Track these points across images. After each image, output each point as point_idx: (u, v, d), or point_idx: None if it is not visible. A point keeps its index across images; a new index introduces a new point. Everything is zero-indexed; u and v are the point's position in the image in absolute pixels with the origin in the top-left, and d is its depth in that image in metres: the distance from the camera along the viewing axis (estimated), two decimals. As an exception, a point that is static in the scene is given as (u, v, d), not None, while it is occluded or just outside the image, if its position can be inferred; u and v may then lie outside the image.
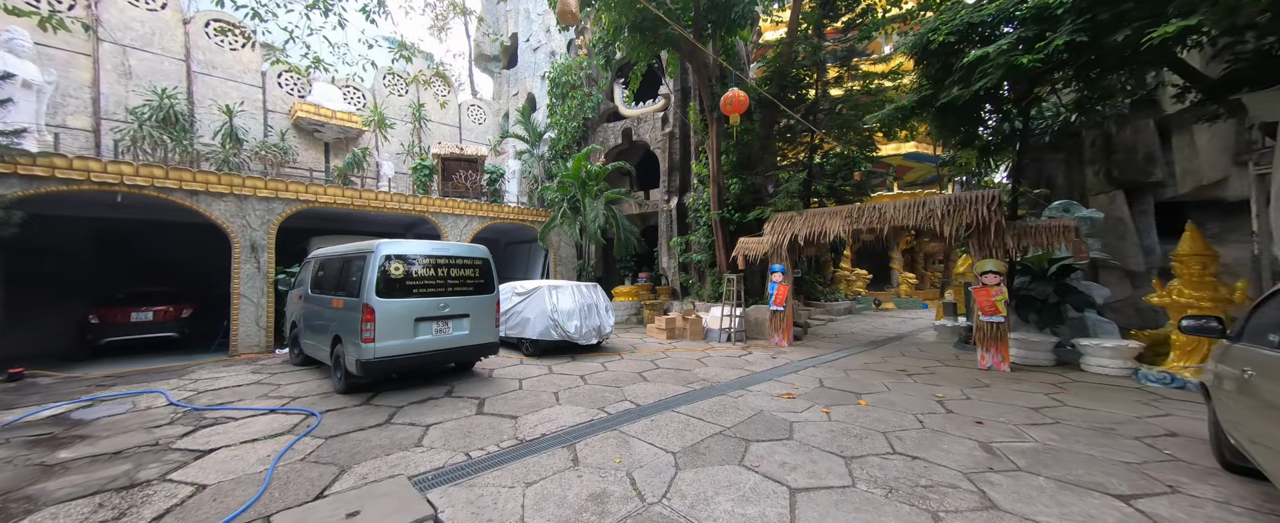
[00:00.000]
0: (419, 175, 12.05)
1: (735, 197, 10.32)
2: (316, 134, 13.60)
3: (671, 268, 12.79)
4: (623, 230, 11.72)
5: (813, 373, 6.56)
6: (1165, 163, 8.92)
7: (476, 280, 5.84)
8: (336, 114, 13.25)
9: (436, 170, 12.61)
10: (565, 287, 7.75)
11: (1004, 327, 6.50)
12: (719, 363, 7.26)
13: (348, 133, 13.69)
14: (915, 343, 9.33)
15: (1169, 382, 5.28)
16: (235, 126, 11.23)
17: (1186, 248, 5.37)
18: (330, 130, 13.47)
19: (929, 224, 7.07)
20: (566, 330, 7.32)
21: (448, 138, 15.99)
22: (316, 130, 13.47)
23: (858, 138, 10.13)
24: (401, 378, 5.84)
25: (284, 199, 8.75)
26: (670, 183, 12.92)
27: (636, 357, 7.70)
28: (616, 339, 9.68)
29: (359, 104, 14.79)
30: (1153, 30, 3.21)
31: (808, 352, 8.26)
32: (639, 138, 13.64)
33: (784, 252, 8.76)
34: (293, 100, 13.33)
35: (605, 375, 6.32)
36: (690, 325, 9.80)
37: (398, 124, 15.16)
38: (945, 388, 5.57)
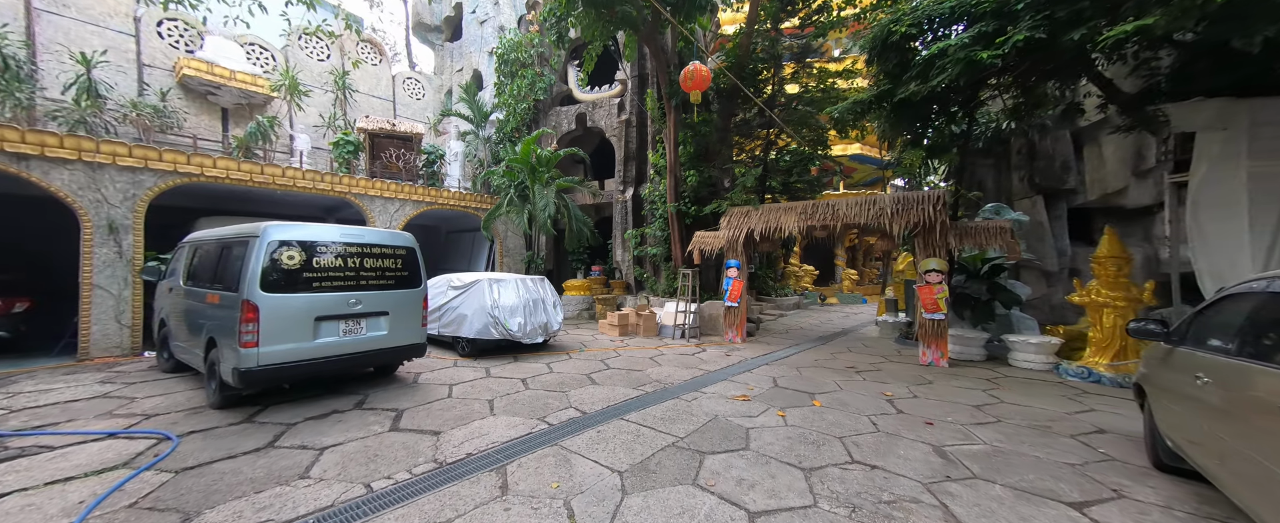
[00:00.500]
0: (341, 152, 10.60)
1: (692, 189, 10.05)
2: (211, 97, 11.57)
3: (626, 261, 12.36)
4: (575, 221, 11.09)
5: (767, 372, 6.42)
6: (1078, 172, 9.78)
7: (398, 272, 5.04)
8: (236, 75, 11.30)
9: (363, 147, 11.19)
10: (508, 280, 7.06)
11: (944, 324, 6.72)
12: (673, 362, 6.96)
13: (252, 99, 11.77)
14: (860, 338, 9.60)
15: (1087, 376, 5.63)
16: (95, 81, 9.14)
17: (1105, 250, 5.74)
18: (229, 94, 11.49)
19: (879, 222, 7.15)
20: (508, 329, 6.66)
21: (379, 112, 14.33)
22: (210, 93, 11.44)
23: (812, 135, 10.21)
24: (301, 388, 4.94)
25: (157, 171, 7.19)
26: (626, 173, 12.43)
27: (586, 356, 7.21)
28: (566, 337, 9.12)
29: (267, 66, 12.77)
30: (1109, 29, 3.22)
31: (761, 348, 8.19)
32: (594, 124, 12.98)
33: (740, 247, 8.60)
34: (178, 55, 11.19)
35: (550, 378, 5.77)
36: (644, 322, 9.44)
37: (316, 92, 13.30)
38: (893, 386, 5.61)
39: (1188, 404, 2.49)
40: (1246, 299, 2.26)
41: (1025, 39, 3.54)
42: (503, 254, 12.35)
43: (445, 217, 13.30)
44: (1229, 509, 2.58)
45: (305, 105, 12.58)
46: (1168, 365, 2.85)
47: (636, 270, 11.95)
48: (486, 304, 6.62)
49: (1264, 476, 1.80)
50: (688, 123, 10.21)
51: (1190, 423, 2.50)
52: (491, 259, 12.65)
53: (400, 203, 10.46)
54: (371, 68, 14.38)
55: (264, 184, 8.41)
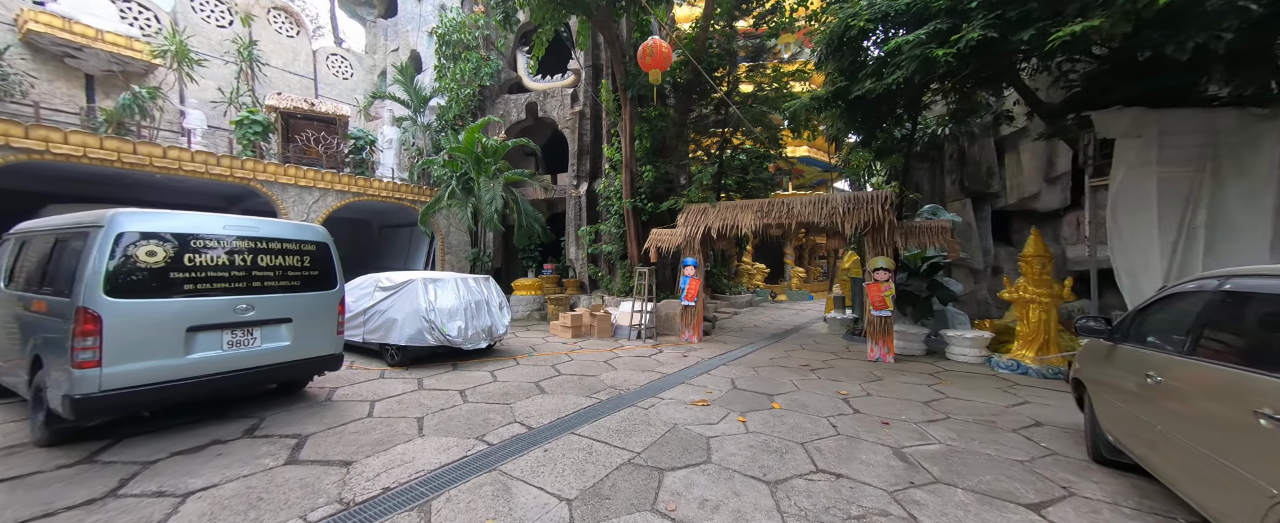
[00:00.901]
0: (246, 133, 9.16)
1: (649, 185, 9.75)
2: (70, 60, 9.52)
3: (580, 259, 11.85)
4: (525, 216, 10.42)
5: (725, 372, 6.26)
6: (1000, 177, 10.65)
7: (305, 272, 4.27)
8: (103, 35, 9.32)
9: (274, 129, 9.77)
10: (447, 280, 6.36)
11: (891, 321, 6.92)
12: (628, 365, 6.62)
13: (126, 65, 9.83)
14: (811, 335, 9.81)
15: (1016, 368, 6.00)
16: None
17: (1031, 250, 6.14)
18: (95, 57, 9.49)
19: (832, 220, 7.25)
20: (446, 334, 5.98)
21: (298, 91, 12.67)
22: (69, 55, 9.40)
23: (767, 134, 10.29)
24: (173, 414, 4.04)
25: (-21, 146, 5.68)
26: (580, 167, 11.91)
27: (535, 361, 6.68)
28: (513, 340, 8.50)
29: (149, 28, 10.75)
30: (1058, 30, 3.30)
31: (717, 348, 8.07)
32: (545, 114, 12.31)
33: (697, 244, 8.43)
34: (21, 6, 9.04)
35: (493, 388, 5.21)
36: (598, 322, 9.03)
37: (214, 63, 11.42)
38: (846, 384, 5.64)
39: (1136, 403, 2.51)
40: (1195, 298, 2.29)
41: (979, 37, 3.59)
42: (445, 251, 11.39)
43: (378, 210, 12.06)
44: (1169, 503, 2.66)
45: (200, 77, 10.75)
46: (1111, 363, 2.91)
47: (591, 269, 11.49)
48: (421, 307, 5.90)
49: (1221, 473, 1.78)
50: (644, 116, 9.90)
51: (1138, 420, 2.52)
52: (432, 257, 11.63)
53: (320, 193, 9.24)
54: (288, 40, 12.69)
55: (138, 166, 6.99)
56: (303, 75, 13.26)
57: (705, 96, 10.14)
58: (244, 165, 8.08)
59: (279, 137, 9.77)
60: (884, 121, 6.87)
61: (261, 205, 8.82)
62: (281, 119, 9.87)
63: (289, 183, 8.75)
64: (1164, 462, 2.24)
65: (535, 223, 10.61)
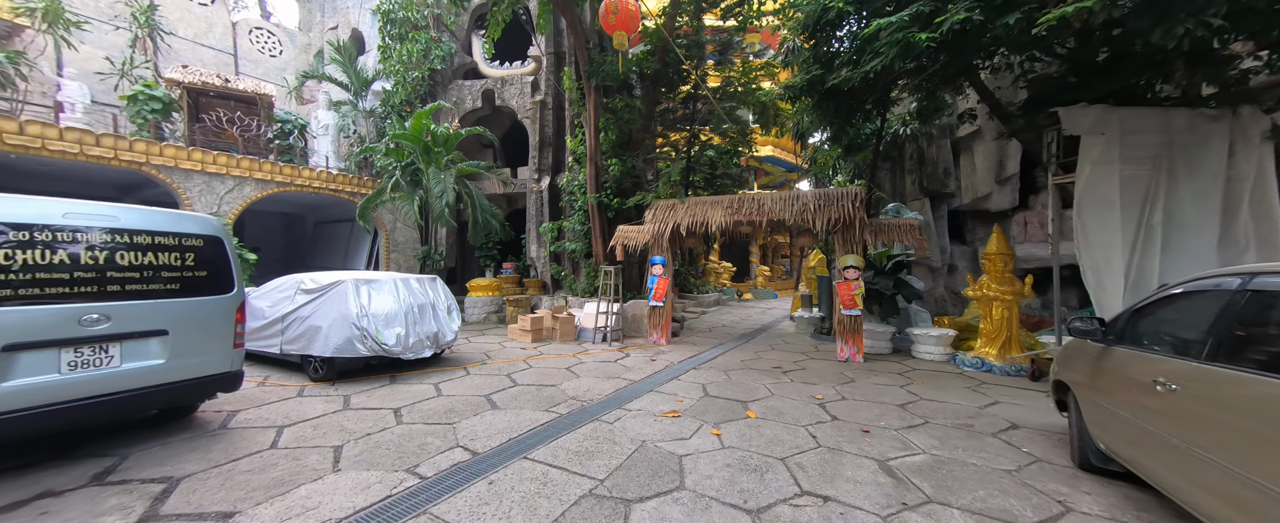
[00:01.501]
0: (141, 109, 7.80)
1: (614, 180, 9.26)
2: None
3: (542, 258, 11.18)
4: (481, 211, 9.64)
5: (695, 378, 5.90)
6: (956, 178, 11.02)
7: (188, 273, 3.46)
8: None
9: (179, 107, 8.43)
10: (383, 281, 5.59)
11: (861, 320, 6.82)
12: (593, 372, 6.12)
13: (-18, 25, 8.15)
14: (779, 335, 9.69)
15: (980, 366, 6.02)
16: None
17: (994, 247, 6.19)
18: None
19: (803, 217, 7.07)
20: (382, 342, 5.23)
21: (214, 67, 11.12)
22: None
23: (735, 129, 10.07)
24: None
25: None
26: (542, 160, 11.22)
27: (489, 370, 6.04)
28: (466, 347, 7.76)
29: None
30: (1045, 14, 3.15)
31: (686, 350, 7.72)
32: (504, 103, 11.51)
33: (666, 242, 8.04)
34: None
35: (435, 405, 4.56)
36: (561, 325, 8.44)
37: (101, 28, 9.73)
38: (820, 387, 5.42)
39: (1143, 413, 2.30)
40: (1210, 297, 2.10)
41: (964, 19, 3.42)
42: (390, 249, 10.36)
43: (312, 203, 10.81)
44: (1169, 514, 2.51)
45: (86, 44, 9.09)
46: (1104, 367, 2.74)
47: (553, 268, 10.85)
48: (350, 312, 5.11)
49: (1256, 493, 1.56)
50: (609, 107, 9.40)
51: (1145, 432, 2.31)
52: (375, 256, 10.56)
53: (235, 182, 8.03)
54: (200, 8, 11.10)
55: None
56: (219, 50, 11.66)
57: (673, 88, 9.78)
58: (133, 147, 6.79)
59: (185, 116, 8.43)
60: (856, 114, 6.75)
61: (159, 195, 7.54)
62: (187, 96, 8.51)
63: (193, 169, 7.50)
64: (1180, 478, 2.03)
65: (492, 219, 9.85)
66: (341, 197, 9.61)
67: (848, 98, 5.78)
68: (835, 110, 6.27)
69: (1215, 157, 4.37)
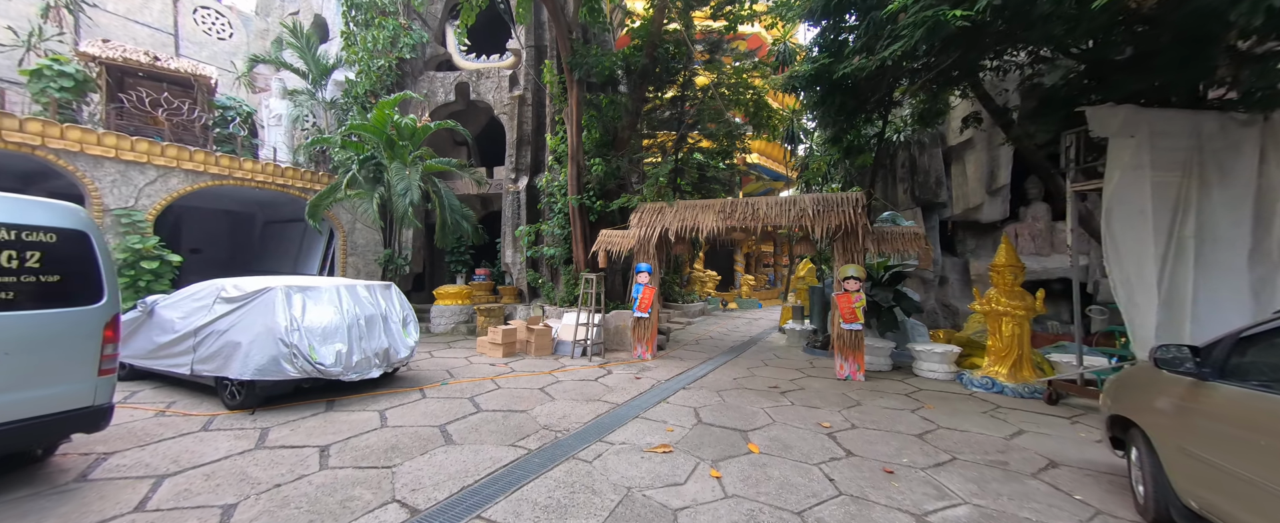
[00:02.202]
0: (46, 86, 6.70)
1: (598, 180, 8.61)
2: None
3: (517, 264, 10.38)
4: (450, 212, 8.82)
5: (686, 399, 5.25)
6: (947, 187, 10.84)
7: (30, 278, 2.62)
8: None
9: (97, 86, 7.35)
10: (322, 289, 4.75)
11: (862, 335, 6.34)
12: (570, 393, 5.40)
13: None
14: (770, 348, 9.17)
15: (991, 387, 5.59)
16: None
17: (1003, 259, 5.82)
18: None
19: (800, 223, 6.57)
20: (317, 361, 4.39)
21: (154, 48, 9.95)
22: None
23: (725, 129, 9.59)
24: None
25: None
26: (519, 159, 10.48)
27: (449, 392, 5.24)
28: (427, 362, 6.90)
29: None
30: None
31: (674, 366, 7.07)
32: (479, 97, 10.73)
33: (652, 248, 7.42)
34: None
35: (375, 440, 3.76)
36: (536, 338, 7.68)
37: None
38: (825, 411, 4.86)
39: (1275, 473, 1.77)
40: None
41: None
42: (347, 252, 9.38)
43: (262, 200, 9.75)
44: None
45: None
46: (1201, 406, 2.23)
47: (530, 275, 10.07)
48: (277, 326, 4.26)
49: None
50: (593, 103, 8.78)
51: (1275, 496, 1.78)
52: (329, 259, 9.55)
53: (158, 173, 6.98)
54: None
55: None
56: (156, 28, 10.46)
57: (661, 86, 9.24)
58: (24, 127, 5.71)
59: (103, 96, 7.34)
60: (864, 110, 6.31)
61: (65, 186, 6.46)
62: (108, 74, 7.43)
63: (104, 155, 6.41)
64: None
65: (463, 221, 9.03)
66: (292, 193, 8.61)
67: (854, 94, 5.35)
68: (840, 107, 5.83)
69: (1247, 164, 4.07)
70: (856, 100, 5.82)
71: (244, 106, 9.03)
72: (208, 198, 9.69)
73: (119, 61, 7.39)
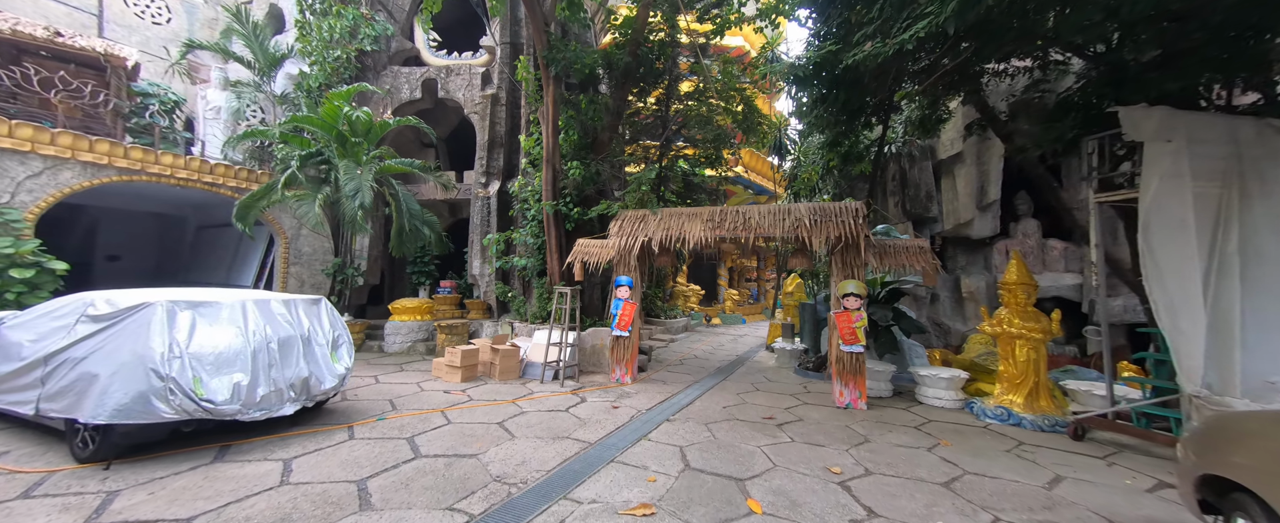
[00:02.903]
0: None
1: (575, 185, 7.91)
2: None
3: (486, 276, 9.50)
4: (409, 218, 7.93)
5: (670, 435, 4.50)
6: (938, 202, 10.59)
7: None
8: None
9: (-23, 59, 6.26)
10: (220, 304, 3.83)
11: (863, 359, 5.75)
12: (535, 428, 4.57)
13: None
14: (759, 369, 8.51)
15: (1006, 418, 5.05)
16: None
17: (1013, 276, 5.36)
18: None
19: (796, 234, 5.99)
20: (203, 398, 3.45)
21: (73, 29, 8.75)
22: None
23: (714, 131, 9.05)
24: None
25: None
26: (490, 162, 9.69)
27: (384, 430, 4.33)
28: (368, 389, 5.92)
29: None
30: None
31: (656, 391, 6.31)
32: (448, 95, 9.94)
33: (634, 260, 6.72)
34: None
35: (265, 507, 2.86)
36: (501, 359, 6.80)
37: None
38: (831, 450, 4.20)
39: None
40: None
41: None
42: (289, 261, 8.31)
43: (196, 201, 8.64)
44: None
45: None
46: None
47: (500, 288, 9.20)
48: (150, 352, 3.32)
49: None
50: (571, 102, 8.13)
51: None
52: (267, 269, 8.46)
53: (46, 164, 5.87)
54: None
55: None
56: (77, 7, 9.24)
57: (645, 88, 8.68)
58: None
59: (-15, 73, 6.23)
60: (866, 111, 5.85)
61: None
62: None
63: (-28, 140, 5.36)
64: None
65: (423, 227, 8.14)
66: (223, 193, 7.56)
67: (858, 90, 4.88)
68: (842, 105, 5.35)
69: (1289, 174, 3.68)
70: (860, 99, 5.36)
71: (170, 95, 7.98)
72: (130, 198, 8.53)
73: (7, 35, 6.30)
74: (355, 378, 6.51)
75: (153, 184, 7.05)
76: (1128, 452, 4.24)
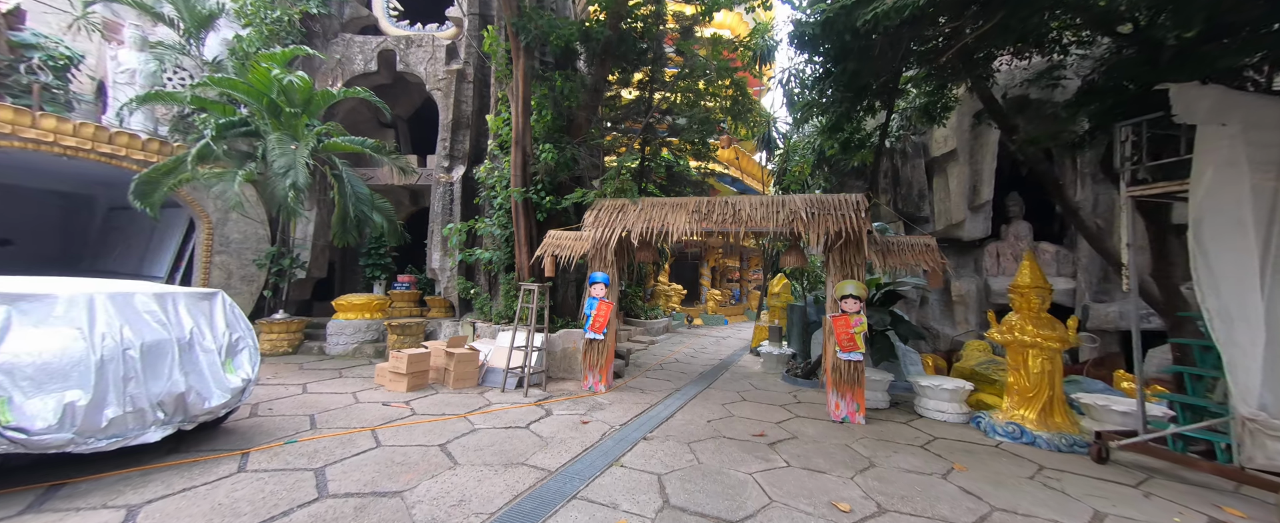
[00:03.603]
0: None
1: (548, 171, 7.11)
2: None
3: (447, 270, 8.59)
4: (355, 202, 6.96)
5: (647, 459, 3.81)
6: (930, 201, 10.26)
7: None
8: None
9: None
10: (55, 298, 2.89)
11: (862, 368, 5.18)
12: (484, 451, 3.80)
13: None
14: (744, 375, 7.91)
15: (1019, 436, 4.56)
16: None
17: (1027, 279, 4.90)
18: None
19: (790, 228, 5.39)
20: (11, 426, 2.53)
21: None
22: None
23: (701, 114, 8.38)
24: None
25: None
26: (455, 145, 8.77)
27: (291, 455, 3.47)
28: (292, 402, 4.99)
29: None
30: None
31: (632, 402, 5.61)
32: (408, 69, 8.95)
33: (611, 254, 6.00)
34: None
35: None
36: (456, 364, 5.96)
37: None
38: (833, 477, 3.59)
39: None
40: None
41: None
42: (214, 250, 7.19)
43: (104, 178, 7.43)
44: None
45: None
46: None
47: (461, 283, 8.31)
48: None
49: None
50: (545, 78, 7.33)
51: None
52: (186, 258, 7.32)
53: None
54: None
55: None
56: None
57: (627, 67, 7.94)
58: None
59: None
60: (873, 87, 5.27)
61: None
62: None
63: None
64: None
65: (373, 213, 7.18)
66: (128, 167, 6.42)
67: (870, 60, 4.30)
68: (850, 79, 4.75)
69: (1346, 167, 3.25)
70: (869, 74, 4.78)
71: (61, 48, 6.75)
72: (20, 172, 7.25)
73: None
74: (281, 387, 5.56)
75: (41, 155, 5.89)
76: (1158, 477, 3.79)
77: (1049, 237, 9.56)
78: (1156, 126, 3.68)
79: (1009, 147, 6.33)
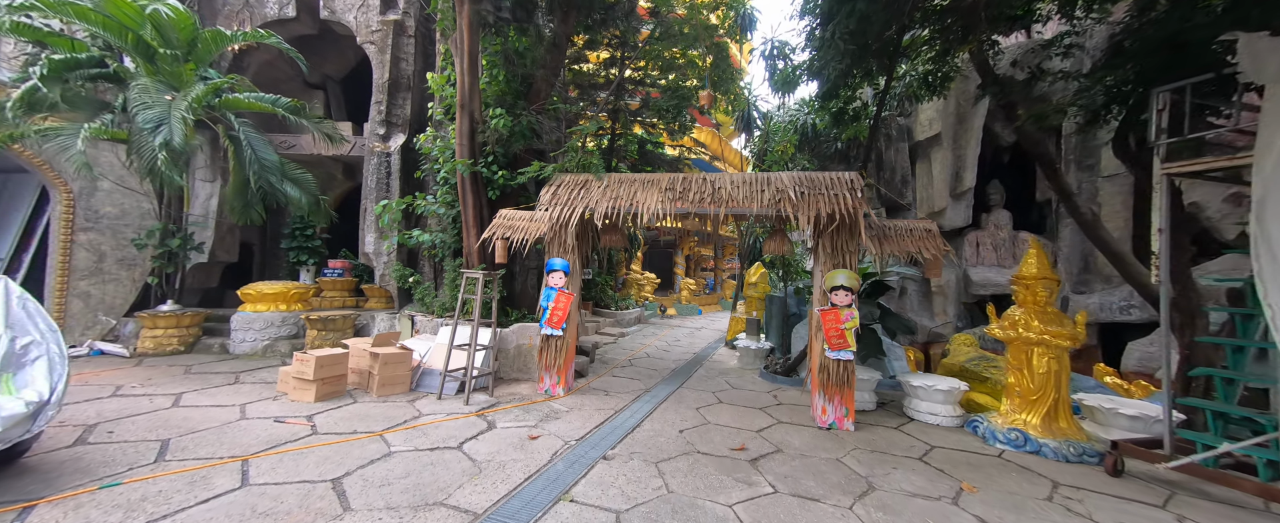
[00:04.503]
0: None
1: (500, 141, 6.11)
2: None
3: (385, 255, 7.46)
4: (259, 171, 5.74)
5: (603, 488, 3.05)
6: (912, 188, 9.89)
7: None
8: None
9: None
10: None
11: (852, 367, 4.59)
12: (392, 487, 2.92)
13: None
14: (721, 371, 7.28)
15: (1021, 443, 4.09)
16: None
17: (1033, 270, 4.41)
18: None
19: (776, 210, 4.69)
20: None
21: None
22: None
23: (677, 85, 7.55)
24: None
25: None
26: (392, 108, 7.56)
27: (102, 508, 2.48)
28: (143, 423, 3.90)
29: None
30: None
31: (594, 407, 4.84)
32: (333, 16, 7.59)
33: (571, 237, 5.13)
34: None
35: None
36: (382, 367, 4.98)
37: None
38: (827, 505, 2.97)
39: None
40: None
41: None
42: (78, 226, 5.79)
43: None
44: None
45: None
46: None
47: (399, 271, 7.23)
48: None
49: None
50: (497, 30, 6.26)
51: None
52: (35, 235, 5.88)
53: None
54: None
55: None
56: None
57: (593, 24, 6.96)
58: None
59: None
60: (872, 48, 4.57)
61: None
62: None
63: None
64: None
65: (279, 183, 5.98)
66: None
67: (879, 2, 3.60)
68: (859, 22, 3.98)
69: None
70: (879, 21, 4.06)
71: None
72: None
73: None
74: (144, 399, 4.44)
75: None
76: (1180, 494, 3.37)
77: (1027, 227, 9.40)
78: (1203, 89, 3.14)
79: (1009, 125, 5.85)
